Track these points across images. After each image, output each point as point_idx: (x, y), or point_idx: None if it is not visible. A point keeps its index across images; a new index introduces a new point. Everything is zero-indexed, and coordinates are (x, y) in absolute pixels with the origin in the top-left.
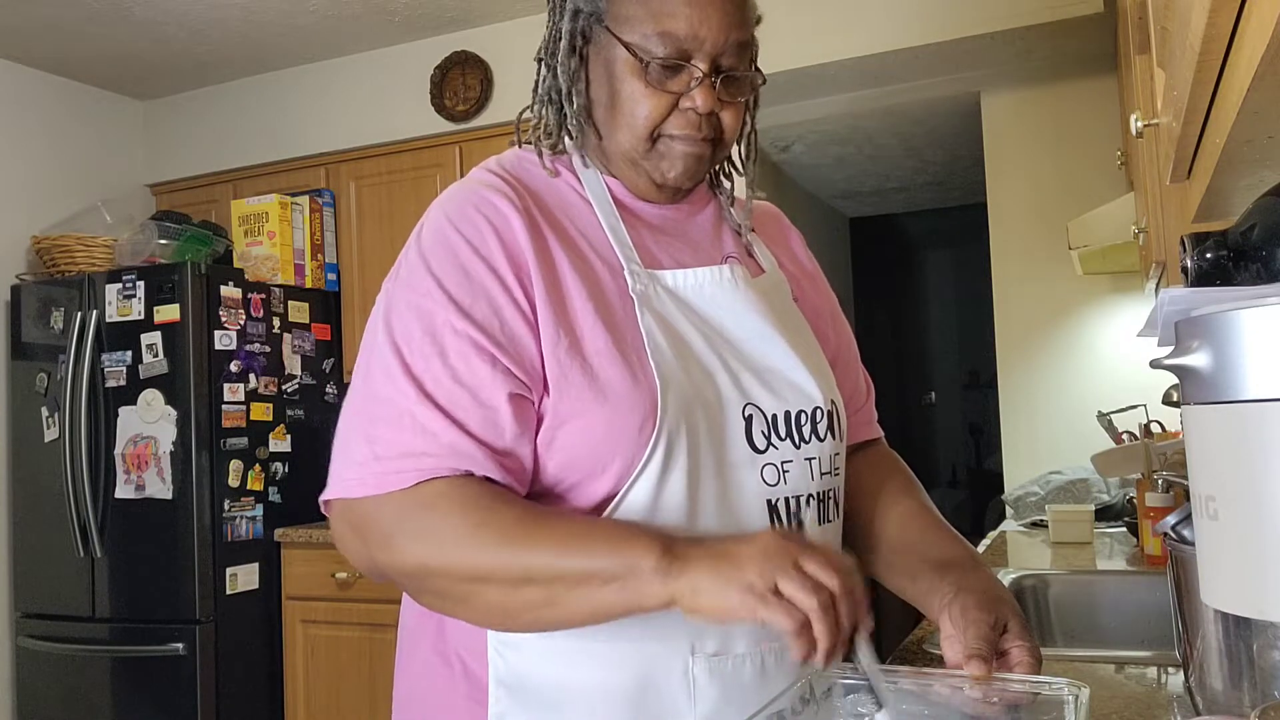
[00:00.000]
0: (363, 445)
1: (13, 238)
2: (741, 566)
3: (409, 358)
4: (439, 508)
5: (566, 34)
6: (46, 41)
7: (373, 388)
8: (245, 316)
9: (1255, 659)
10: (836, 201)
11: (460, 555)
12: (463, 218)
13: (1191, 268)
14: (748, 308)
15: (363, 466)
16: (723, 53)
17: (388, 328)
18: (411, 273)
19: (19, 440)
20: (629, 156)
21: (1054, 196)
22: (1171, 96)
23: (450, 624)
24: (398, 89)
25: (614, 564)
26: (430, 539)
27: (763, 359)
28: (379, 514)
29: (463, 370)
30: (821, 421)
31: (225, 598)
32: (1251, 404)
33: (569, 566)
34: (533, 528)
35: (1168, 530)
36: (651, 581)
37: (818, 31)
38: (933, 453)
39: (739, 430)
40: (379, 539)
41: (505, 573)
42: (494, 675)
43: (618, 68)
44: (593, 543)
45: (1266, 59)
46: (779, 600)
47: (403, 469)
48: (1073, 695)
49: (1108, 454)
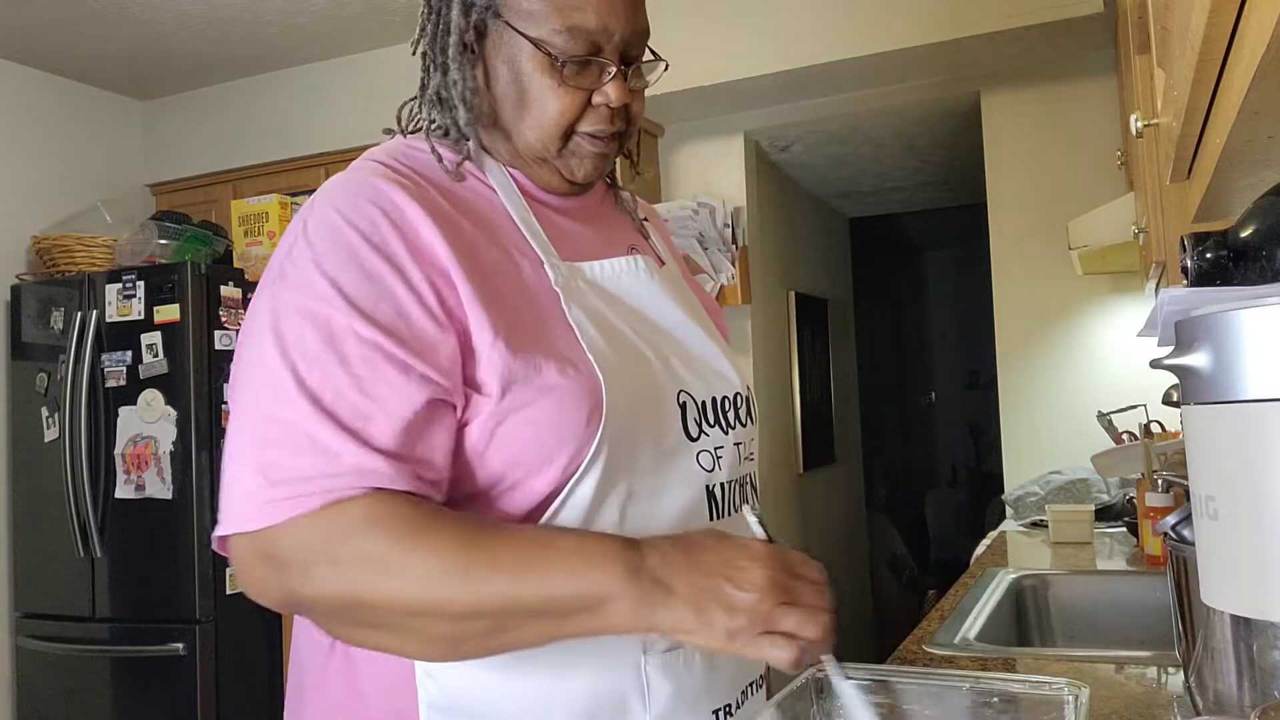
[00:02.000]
0: (254, 474)
1: (13, 238)
2: (731, 605)
3: (303, 371)
4: (367, 531)
5: (456, 28)
6: (46, 41)
7: (260, 408)
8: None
9: (1255, 659)
10: (836, 201)
11: (397, 586)
12: (355, 211)
13: (1191, 268)
14: (664, 298)
15: (256, 496)
16: (631, 43)
17: (277, 338)
18: (302, 274)
19: (19, 440)
20: (538, 155)
21: (1054, 196)
22: (1171, 96)
23: (361, 655)
24: (398, 89)
25: (578, 592)
26: (360, 567)
27: (686, 346)
28: (294, 541)
29: (368, 379)
30: (741, 407)
31: (225, 598)
32: (1251, 404)
33: (525, 596)
34: (478, 550)
35: (1168, 530)
36: (626, 614)
37: (817, 31)
38: (933, 453)
39: (675, 418)
40: (297, 568)
41: (451, 605)
42: (425, 700)
43: (524, 65)
44: (550, 567)
45: (1266, 59)
46: (771, 638)
47: (302, 493)
48: (1073, 695)
49: (1108, 454)
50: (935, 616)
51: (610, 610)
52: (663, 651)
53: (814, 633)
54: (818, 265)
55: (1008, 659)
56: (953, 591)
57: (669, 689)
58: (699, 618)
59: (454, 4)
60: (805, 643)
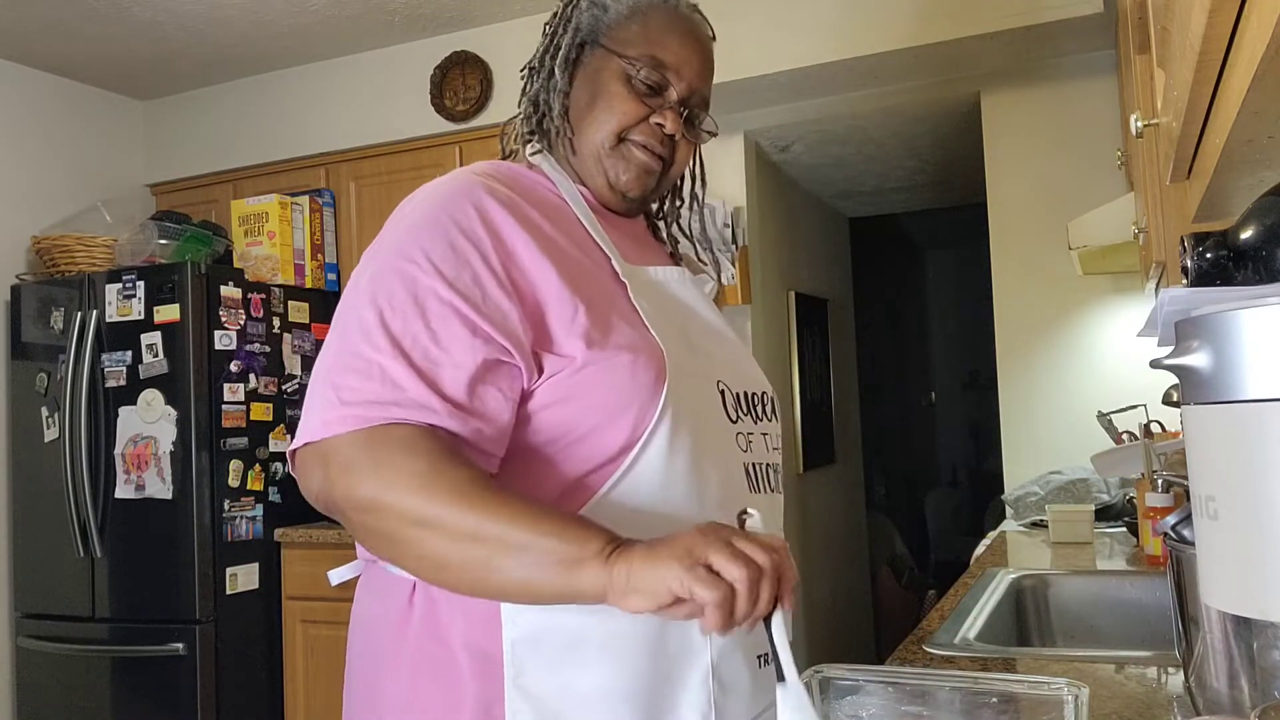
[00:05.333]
0: (329, 393)
1: (13, 238)
2: (674, 544)
3: (388, 317)
4: (402, 448)
5: (565, 46)
6: (46, 41)
7: (345, 344)
8: (245, 316)
9: (1255, 659)
10: (836, 201)
11: (412, 497)
12: (453, 204)
13: (1191, 268)
14: (704, 304)
15: (326, 412)
16: (693, 95)
17: (369, 291)
18: (399, 244)
19: (19, 440)
20: (595, 153)
21: (1054, 196)
22: (1171, 96)
23: (444, 607)
24: (398, 89)
25: (559, 543)
26: (386, 475)
27: (724, 346)
28: (347, 449)
29: (442, 333)
30: (768, 405)
31: (225, 598)
32: (1251, 404)
33: (515, 534)
34: (487, 491)
35: (1168, 530)
36: (590, 568)
37: (817, 31)
38: (933, 453)
39: (717, 401)
40: (339, 469)
41: (451, 524)
42: (508, 636)
43: (605, 75)
44: (544, 520)
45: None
46: (707, 572)
47: (368, 414)
48: (1072, 695)
49: (1108, 454)
50: (935, 617)
51: (579, 566)
52: None
53: (737, 573)
54: (818, 265)
55: (1007, 659)
56: (953, 592)
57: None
58: (647, 558)
59: (568, 28)
60: (730, 585)
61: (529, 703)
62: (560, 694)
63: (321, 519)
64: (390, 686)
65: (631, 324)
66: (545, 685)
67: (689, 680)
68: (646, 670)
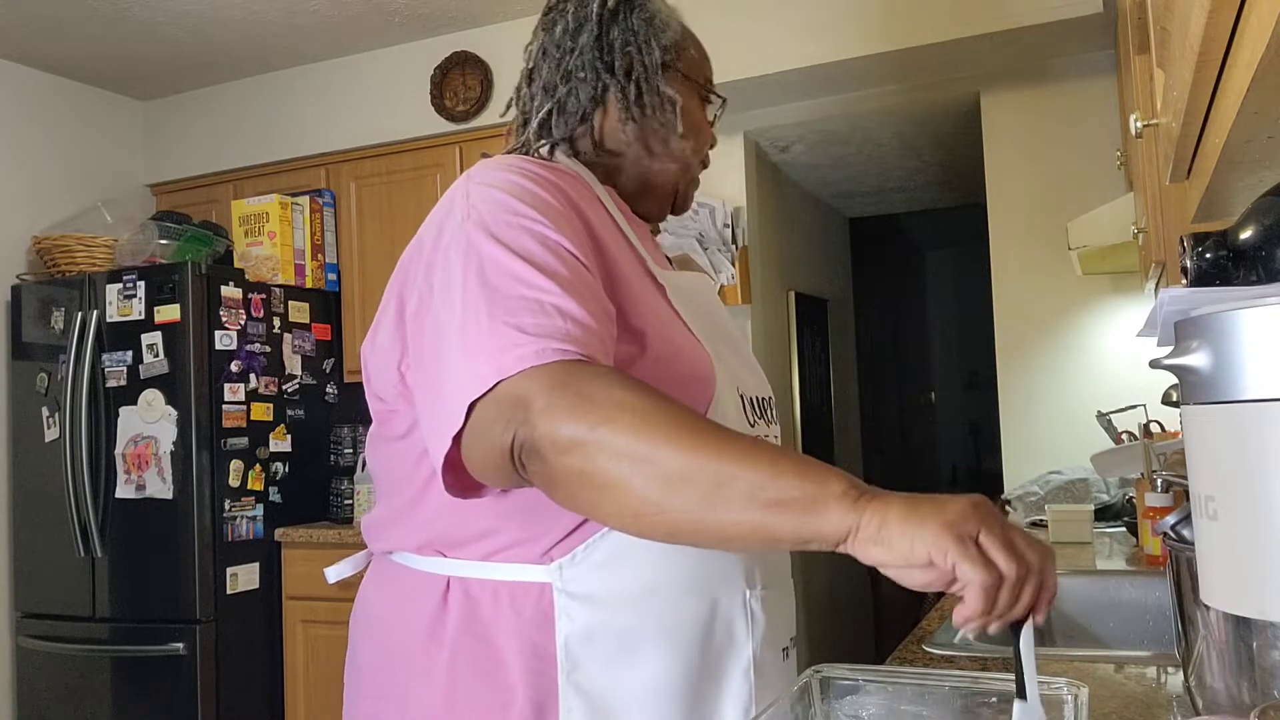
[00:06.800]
0: (507, 332)
1: (13, 238)
2: (943, 508)
3: (539, 262)
4: (618, 381)
5: (649, 61)
6: (46, 41)
7: (498, 292)
8: (245, 316)
9: (1255, 659)
10: (836, 201)
11: (634, 424)
12: (522, 173)
13: (1191, 268)
14: (721, 310)
15: (519, 347)
16: None
17: (500, 245)
18: (499, 205)
19: (19, 440)
20: (687, 168)
21: (1054, 196)
22: (1171, 96)
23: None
24: (398, 89)
25: (800, 480)
26: (606, 403)
27: (737, 351)
28: (534, 383)
29: (580, 284)
30: (771, 408)
31: (225, 598)
32: (1251, 404)
33: (749, 472)
34: (703, 422)
35: (1167, 530)
36: (836, 508)
37: (818, 31)
38: (933, 453)
39: (739, 405)
40: (543, 403)
41: (672, 460)
42: (562, 632)
43: (693, 99)
44: (779, 457)
45: (1266, 59)
46: (978, 551)
47: (560, 347)
48: (1072, 695)
49: (1107, 454)
50: (935, 616)
51: (822, 505)
52: (762, 588)
53: (1007, 563)
54: (818, 265)
55: (1008, 659)
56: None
57: (765, 621)
58: (907, 512)
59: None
60: (1000, 573)
61: (583, 699)
62: (613, 690)
63: (322, 519)
64: (422, 692)
65: (677, 327)
66: (599, 681)
67: (733, 673)
68: (696, 663)
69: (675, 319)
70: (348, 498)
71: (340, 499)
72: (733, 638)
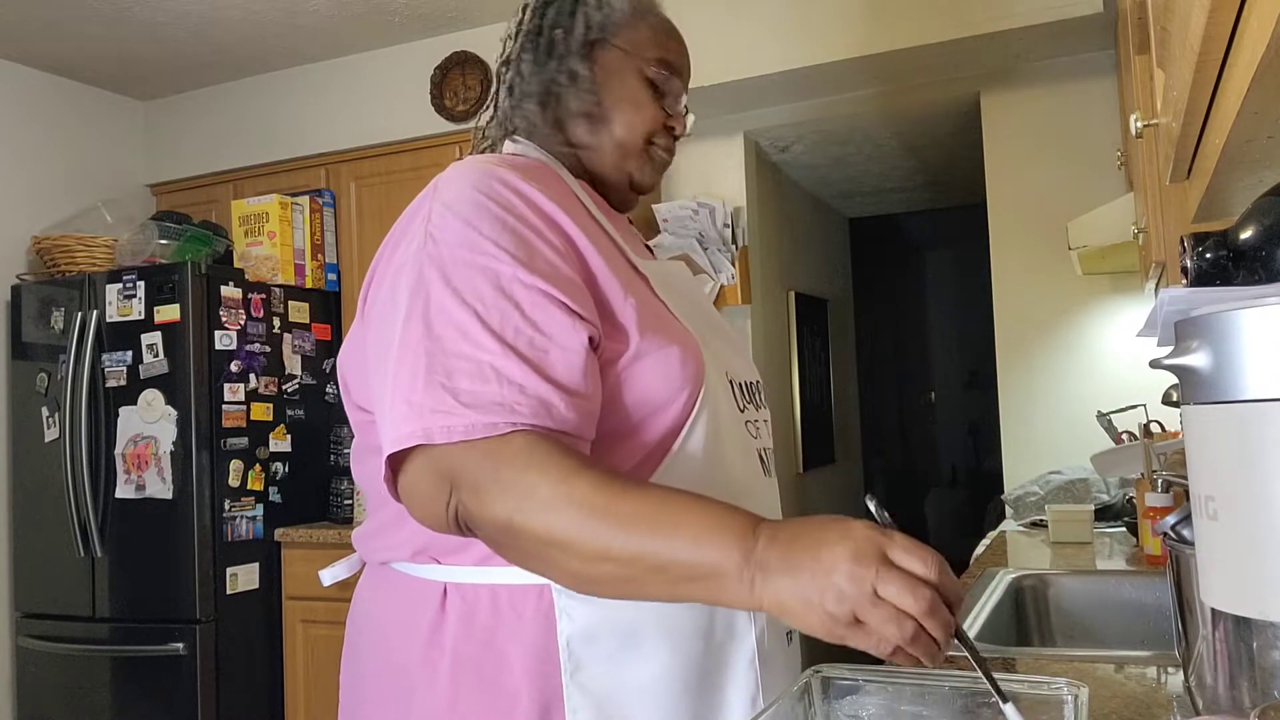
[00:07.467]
0: (445, 397)
1: (13, 238)
2: (827, 577)
3: (484, 314)
4: (525, 463)
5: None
6: (46, 41)
7: (440, 343)
8: (245, 316)
9: (1255, 659)
10: (836, 201)
11: (544, 519)
12: (490, 190)
13: (1191, 268)
14: (703, 296)
15: (450, 415)
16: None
17: (450, 289)
18: (457, 236)
19: (19, 440)
20: (619, 151)
21: (1054, 196)
22: (1171, 96)
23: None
24: (398, 89)
25: (695, 561)
26: (518, 496)
27: (722, 336)
28: (468, 461)
29: (542, 320)
30: (760, 392)
31: (225, 598)
32: (1251, 404)
33: (650, 552)
34: (617, 502)
35: (1167, 530)
36: (735, 591)
37: (818, 31)
38: (933, 452)
39: (729, 391)
40: (469, 487)
41: (585, 546)
42: (563, 632)
43: (627, 75)
44: (677, 531)
45: (1266, 59)
46: (863, 627)
47: (495, 420)
48: (1072, 695)
49: (1107, 454)
50: None
51: (721, 586)
52: None
53: (894, 633)
54: (818, 265)
55: (1007, 659)
56: None
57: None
58: (796, 594)
59: (573, 22)
60: (922, 616)
61: (588, 699)
62: (618, 687)
63: (322, 519)
64: (426, 699)
65: (663, 317)
66: (603, 680)
67: (737, 663)
68: (700, 656)
69: (661, 308)
70: (347, 498)
71: (340, 499)
72: (734, 628)
